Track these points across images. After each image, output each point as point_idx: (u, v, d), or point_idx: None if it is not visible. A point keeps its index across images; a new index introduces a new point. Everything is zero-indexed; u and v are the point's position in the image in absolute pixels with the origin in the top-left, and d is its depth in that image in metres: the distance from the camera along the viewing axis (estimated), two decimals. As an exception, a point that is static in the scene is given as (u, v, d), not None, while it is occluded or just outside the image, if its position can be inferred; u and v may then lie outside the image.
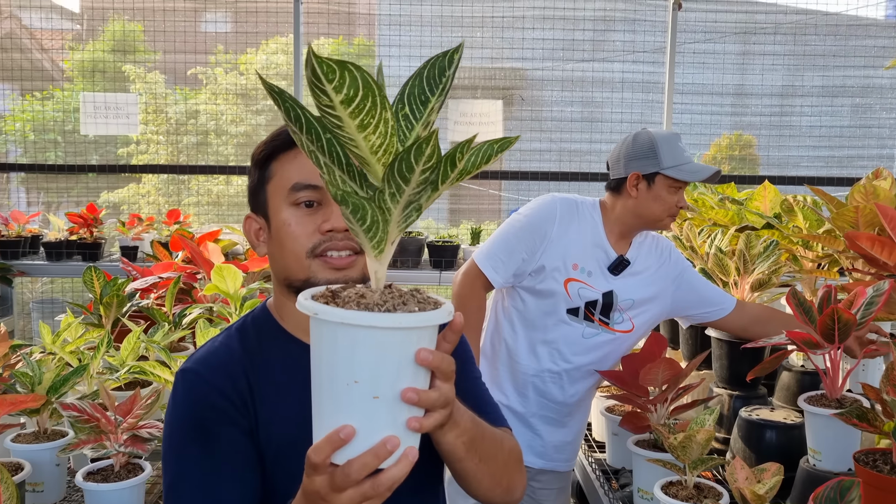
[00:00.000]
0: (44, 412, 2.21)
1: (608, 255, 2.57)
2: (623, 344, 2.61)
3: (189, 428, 1.29)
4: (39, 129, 6.71)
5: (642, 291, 2.60)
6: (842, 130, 5.60)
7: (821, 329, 2.10)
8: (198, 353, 1.37)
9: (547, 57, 5.32)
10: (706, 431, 1.91)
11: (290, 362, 1.35)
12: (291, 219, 1.33)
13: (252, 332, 1.38)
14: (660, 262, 2.65)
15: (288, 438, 1.30)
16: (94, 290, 3.09)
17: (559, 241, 2.53)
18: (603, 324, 2.56)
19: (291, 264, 1.33)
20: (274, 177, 1.36)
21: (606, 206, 2.61)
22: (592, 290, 2.54)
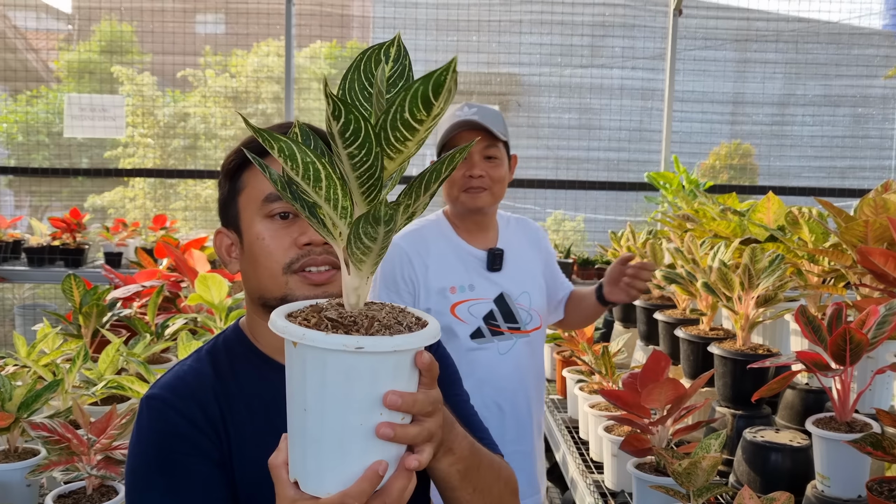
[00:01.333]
0: (14, 430, 2.09)
1: (477, 256, 2.38)
2: (539, 344, 2.47)
3: (154, 460, 1.18)
4: (27, 131, 6.60)
5: (531, 280, 2.43)
6: (842, 140, 5.53)
7: (832, 350, 2.00)
8: (165, 377, 1.26)
9: (544, 62, 5.23)
10: (712, 458, 1.82)
11: (266, 387, 1.24)
12: (265, 232, 1.24)
13: (224, 354, 1.28)
14: (532, 245, 2.52)
15: (265, 471, 1.20)
16: (74, 298, 2.97)
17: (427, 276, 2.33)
18: (514, 330, 2.37)
19: (266, 281, 1.24)
20: (246, 188, 1.26)
21: (448, 210, 2.46)
22: (482, 303, 2.33)
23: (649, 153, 5.21)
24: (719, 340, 2.78)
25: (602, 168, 5.20)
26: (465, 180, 2.27)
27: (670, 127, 4.90)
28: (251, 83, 6.92)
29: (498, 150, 2.30)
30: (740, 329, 2.67)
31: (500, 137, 2.26)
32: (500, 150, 2.30)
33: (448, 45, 5.21)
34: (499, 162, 2.30)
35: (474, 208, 2.31)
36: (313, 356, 0.86)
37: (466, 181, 2.27)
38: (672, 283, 3.02)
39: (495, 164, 2.29)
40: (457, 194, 2.31)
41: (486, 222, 2.40)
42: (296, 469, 0.93)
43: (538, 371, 2.47)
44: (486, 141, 2.27)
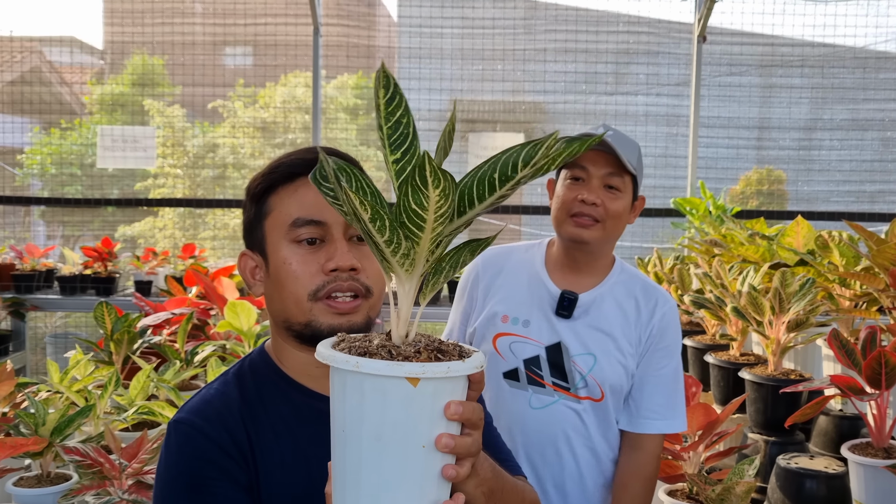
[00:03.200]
0: (47, 455, 2.11)
1: (550, 293, 1.99)
2: (597, 419, 1.95)
3: (182, 484, 1.18)
4: (59, 163, 6.73)
5: (608, 345, 1.95)
6: (870, 164, 5.48)
7: (866, 374, 1.98)
8: (192, 401, 1.26)
9: (569, 90, 5.25)
10: (746, 483, 1.79)
11: (292, 410, 1.24)
12: (292, 257, 1.22)
13: (250, 377, 1.28)
14: (636, 310, 1.99)
15: (291, 497, 1.19)
16: (105, 326, 3.01)
17: (488, 297, 2.04)
18: (559, 388, 1.94)
19: (291, 307, 1.23)
20: (273, 211, 1.26)
21: (553, 240, 2.08)
22: (531, 344, 1.95)
23: (675, 179, 5.20)
24: (750, 366, 2.75)
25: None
26: (577, 204, 1.89)
27: (696, 153, 4.89)
28: (280, 114, 7.02)
29: (623, 181, 1.91)
30: (771, 354, 2.64)
31: (628, 168, 1.88)
32: (625, 183, 1.91)
33: (473, 73, 5.26)
34: (620, 195, 1.91)
35: (578, 239, 1.91)
36: (383, 387, 0.88)
37: (577, 206, 1.89)
38: (701, 307, 3.00)
39: (616, 196, 1.90)
40: (563, 218, 1.93)
41: (587, 264, 1.99)
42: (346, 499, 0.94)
43: (596, 454, 1.96)
44: (612, 167, 1.88)
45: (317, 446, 1.22)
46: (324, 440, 1.22)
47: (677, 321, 2.01)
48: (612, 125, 1.99)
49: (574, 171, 1.90)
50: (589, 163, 1.88)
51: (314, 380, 1.26)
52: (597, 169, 1.88)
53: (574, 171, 1.91)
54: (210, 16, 5.49)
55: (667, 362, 1.96)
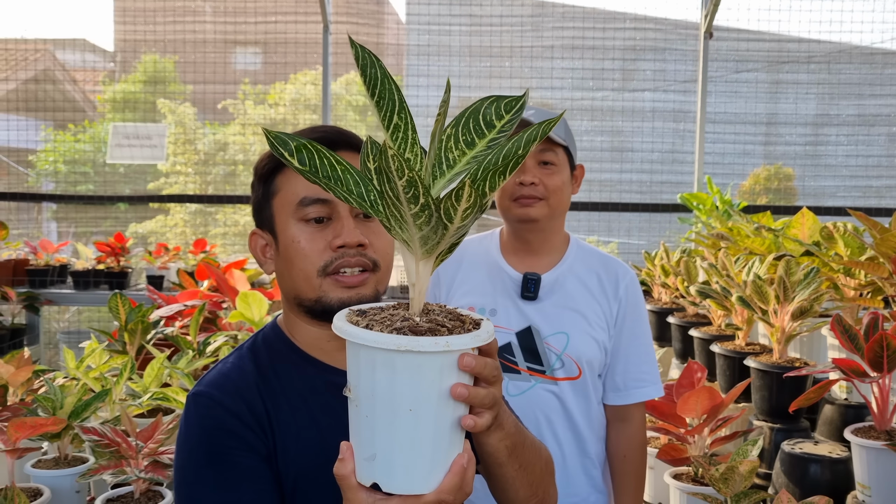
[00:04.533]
0: (65, 437, 2.16)
1: (511, 279, 2.00)
2: (576, 398, 1.96)
3: (203, 455, 1.22)
4: (72, 162, 6.80)
5: (578, 321, 1.96)
6: (878, 160, 5.50)
7: (868, 357, 2.01)
8: (209, 375, 1.29)
9: (576, 87, 5.29)
10: (749, 462, 1.82)
11: (305, 381, 1.28)
12: (300, 235, 1.26)
13: (264, 351, 1.31)
14: (600, 284, 2.02)
15: (307, 467, 1.23)
16: (120, 316, 3.06)
17: (451, 293, 2.05)
18: (535, 373, 1.95)
19: (301, 283, 1.27)
20: (280, 191, 1.29)
21: (504, 228, 2.11)
22: (500, 332, 1.94)
23: (682, 174, 5.23)
24: (755, 355, 2.78)
25: (635, 190, 5.22)
26: (516, 188, 1.94)
27: (703, 149, 4.92)
28: (289, 112, 7.08)
29: (556, 155, 1.94)
30: (776, 342, 2.67)
31: (558, 141, 1.92)
32: (558, 156, 1.95)
33: (481, 70, 5.31)
34: (557, 169, 1.95)
35: (525, 219, 1.96)
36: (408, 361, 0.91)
37: (517, 189, 1.94)
38: (706, 297, 3.03)
39: (552, 170, 1.94)
40: (507, 204, 1.98)
41: (539, 243, 2.03)
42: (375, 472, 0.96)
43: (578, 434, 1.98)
44: (542, 144, 1.91)
45: (330, 417, 1.26)
46: (336, 411, 1.26)
47: (640, 290, 2.07)
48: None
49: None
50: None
51: (326, 353, 1.30)
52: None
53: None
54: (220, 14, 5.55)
55: (639, 331, 2.01)
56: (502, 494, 1.24)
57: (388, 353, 0.91)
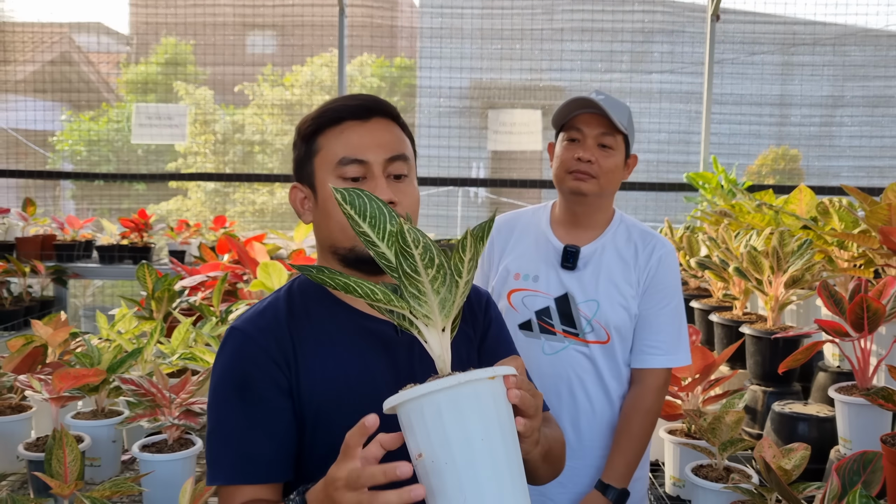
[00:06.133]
0: (102, 391, 2.33)
1: (555, 248, 2.19)
2: (606, 360, 2.13)
3: (233, 382, 1.38)
4: (90, 144, 6.97)
5: (609, 290, 2.14)
6: (882, 141, 5.58)
7: (850, 318, 2.14)
8: (248, 312, 1.45)
9: (585, 69, 5.40)
10: (735, 413, 1.96)
11: (337, 324, 1.43)
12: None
13: (298, 295, 1.47)
14: (634, 256, 2.17)
15: (329, 396, 1.39)
16: (147, 285, 3.23)
17: (502, 258, 2.25)
18: (569, 335, 2.13)
19: (337, 234, 1.42)
20: (321, 150, 1.43)
21: (556, 202, 2.29)
22: (540, 297, 2.16)
23: (689, 154, 5.34)
24: (751, 323, 2.92)
25: (642, 170, 5.34)
26: (574, 163, 2.10)
27: (709, 129, 5.03)
28: (304, 94, 7.22)
29: (615, 140, 2.11)
30: (770, 310, 2.81)
31: (619, 128, 2.09)
32: (616, 142, 2.12)
33: (492, 53, 5.43)
34: (613, 153, 2.12)
35: (577, 192, 2.12)
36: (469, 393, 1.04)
37: (574, 163, 2.10)
38: (705, 269, 3.16)
39: (609, 153, 2.11)
40: (562, 175, 2.14)
41: (586, 216, 2.19)
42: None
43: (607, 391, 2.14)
44: (604, 128, 2.09)
45: (355, 356, 1.41)
46: (361, 351, 1.42)
47: (675, 263, 2.19)
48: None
49: (571, 133, 2.12)
50: (583, 125, 2.09)
51: (355, 299, 1.45)
52: (591, 130, 2.09)
53: (571, 133, 2.12)
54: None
55: (667, 301, 2.13)
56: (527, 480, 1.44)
57: (450, 393, 1.03)
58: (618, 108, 2.11)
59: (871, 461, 1.66)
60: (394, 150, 1.42)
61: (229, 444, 1.36)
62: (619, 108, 2.12)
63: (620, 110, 2.12)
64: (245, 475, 1.35)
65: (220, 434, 1.38)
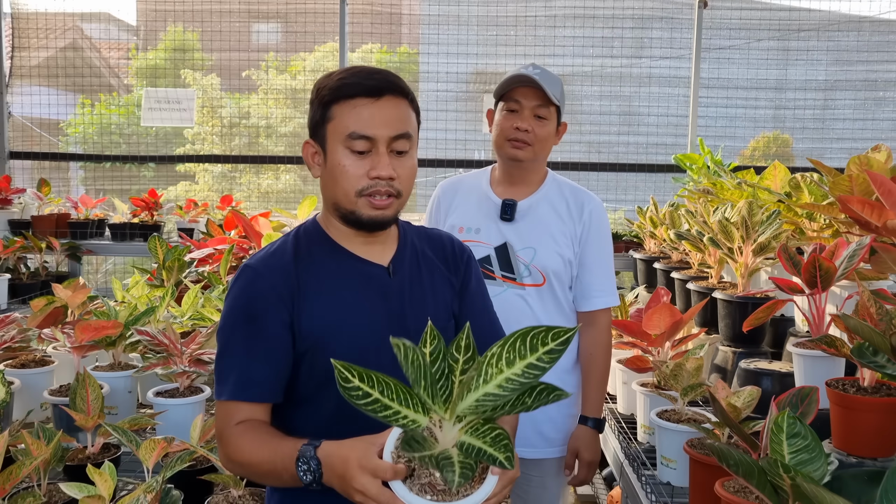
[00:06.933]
0: (119, 345, 2.54)
1: (494, 203, 2.48)
2: (540, 301, 2.43)
3: (241, 312, 1.59)
4: (101, 133, 7.16)
5: (544, 238, 2.43)
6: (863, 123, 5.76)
7: (805, 277, 2.33)
8: (260, 253, 1.67)
9: (578, 54, 5.59)
10: (695, 360, 2.16)
11: (335, 266, 1.65)
12: (346, 161, 1.59)
13: (304, 240, 1.68)
14: (567, 210, 2.48)
15: (328, 327, 1.60)
16: (158, 255, 3.43)
17: (448, 217, 2.51)
18: (507, 279, 2.43)
19: (341, 197, 1.62)
20: (334, 119, 1.60)
21: (495, 166, 2.59)
22: (482, 246, 2.44)
23: (676, 137, 5.53)
24: (724, 289, 3.11)
25: (632, 152, 5.54)
26: (512, 131, 2.38)
27: (696, 112, 5.21)
28: (309, 82, 7.40)
29: (549, 111, 2.39)
30: (740, 277, 3.00)
31: (553, 100, 2.36)
32: (550, 112, 2.39)
33: (488, 39, 5.62)
34: (547, 122, 2.40)
35: (514, 158, 2.41)
36: None
37: (513, 132, 2.38)
38: (682, 239, 3.35)
39: (543, 123, 2.39)
40: (502, 143, 2.42)
41: (522, 176, 2.48)
42: None
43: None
44: (540, 100, 2.36)
45: (352, 295, 1.63)
46: (357, 291, 1.63)
47: (605, 215, 2.54)
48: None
49: (510, 104, 2.39)
50: (521, 97, 2.37)
51: (353, 245, 1.67)
52: (528, 101, 2.37)
53: (509, 105, 2.39)
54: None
55: (603, 249, 2.49)
56: None
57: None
58: (552, 82, 2.38)
59: (807, 395, 1.86)
60: (398, 129, 1.60)
61: (233, 367, 1.57)
62: (554, 81, 2.39)
63: (554, 84, 2.39)
64: (245, 394, 1.56)
65: (226, 357, 1.59)
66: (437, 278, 1.76)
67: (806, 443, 1.55)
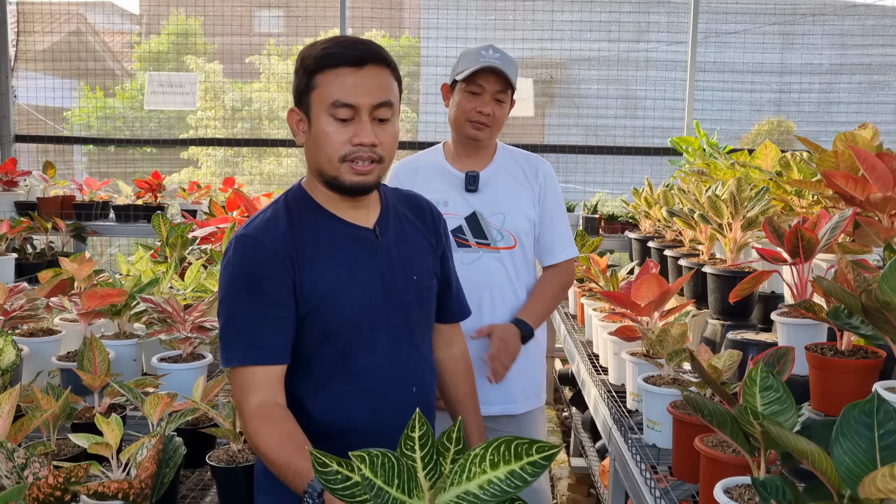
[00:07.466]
0: (124, 315, 2.62)
1: (457, 177, 2.64)
2: (513, 262, 2.65)
3: (245, 280, 1.64)
4: (104, 120, 7.22)
5: (510, 203, 2.63)
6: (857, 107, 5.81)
7: (787, 247, 2.40)
8: (253, 222, 1.72)
9: (575, 38, 5.65)
10: (679, 326, 2.24)
11: (327, 230, 1.71)
12: (329, 128, 1.64)
13: (294, 206, 1.74)
14: (524, 175, 2.68)
15: (328, 288, 1.67)
16: (161, 233, 3.51)
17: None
18: (482, 245, 2.62)
19: (325, 163, 1.68)
20: (318, 87, 1.65)
21: (447, 142, 2.74)
22: (453, 217, 2.57)
23: (673, 120, 5.60)
24: (714, 265, 3.18)
25: (630, 135, 5.60)
26: (474, 114, 2.54)
27: (692, 96, 5.27)
28: (310, 67, 7.46)
29: (507, 95, 2.58)
30: (729, 251, 3.07)
31: (513, 85, 2.56)
32: (508, 96, 2.59)
33: (486, 24, 5.69)
34: (505, 105, 2.60)
35: (474, 138, 2.60)
36: None
37: (475, 115, 2.54)
38: (673, 216, 3.42)
39: (502, 106, 2.59)
40: (462, 123, 2.57)
41: (478, 149, 2.67)
42: None
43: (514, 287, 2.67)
44: (501, 85, 2.54)
45: (342, 254, 1.70)
46: (350, 253, 1.70)
47: (555, 176, 2.80)
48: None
49: (472, 87, 2.54)
50: (484, 82, 2.52)
51: (340, 210, 1.73)
52: (490, 86, 2.53)
53: (471, 88, 2.54)
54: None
55: (559, 207, 2.75)
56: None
57: None
58: (511, 66, 2.55)
59: (784, 354, 1.94)
60: (380, 98, 1.65)
61: (241, 333, 1.63)
62: (511, 65, 2.56)
63: (512, 67, 2.56)
64: (254, 358, 1.62)
65: (232, 325, 1.64)
66: (419, 239, 1.84)
67: (778, 395, 1.62)
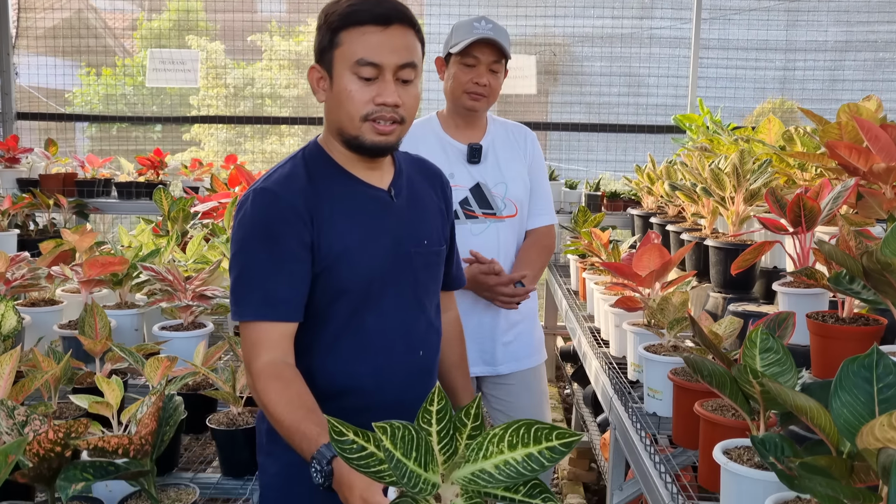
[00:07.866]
0: (125, 285, 2.62)
1: (459, 149, 2.69)
2: (513, 232, 2.74)
3: (262, 233, 1.62)
4: (107, 102, 7.21)
5: (510, 172, 2.70)
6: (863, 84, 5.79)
7: (790, 217, 2.39)
8: (272, 176, 1.69)
9: (580, 14, 5.62)
10: (680, 294, 2.23)
11: (344, 189, 1.70)
12: (352, 86, 1.61)
13: (312, 163, 1.72)
14: (516, 144, 2.76)
15: (345, 247, 1.66)
16: (163, 207, 3.51)
17: None
18: (488, 215, 2.69)
19: (346, 122, 1.65)
20: (342, 45, 1.61)
21: (441, 111, 2.78)
22: (459, 189, 2.61)
23: (676, 98, 5.57)
24: (716, 238, 3.17)
25: (633, 113, 5.58)
26: (471, 85, 2.58)
27: (696, 73, 5.25)
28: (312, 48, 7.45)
29: (502, 65, 2.61)
30: (731, 224, 3.06)
31: (507, 56, 2.58)
32: (502, 66, 2.62)
33: (491, 0, 5.66)
34: (500, 75, 2.63)
35: (472, 109, 2.64)
36: None
37: (472, 86, 2.58)
38: (676, 189, 3.42)
39: (497, 77, 2.62)
40: (459, 94, 2.61)
41: (474, 121, 2.72)
42: None
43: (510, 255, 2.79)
44: (496, 56, 2.56)
45: (359, 214, 1.69)
46: (366, 212, 1.69)
47: (538, 144, 2.88)
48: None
49: (467, 59, 2.56)
50: (479, 53, 2.54)
51: (357, 170, 1.72)
52: (485, 57, 2.55)
53: (467, 60, 2.56)
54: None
55: (543, 175, 2.84)
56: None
57: None
58: (503, 36, 2.56)
59: (784, 319, 1.94)
60: (405, 58, 1.62)
61: (255, 287, 1.61)
62: (504, 34, 2.58)
63: (505, 37, 2.57)
64: (268, 313, 1.60)
65: (247, 278, 1.62)
66: (431, 204, 1.83)
67: (778, 357, 1.63)
